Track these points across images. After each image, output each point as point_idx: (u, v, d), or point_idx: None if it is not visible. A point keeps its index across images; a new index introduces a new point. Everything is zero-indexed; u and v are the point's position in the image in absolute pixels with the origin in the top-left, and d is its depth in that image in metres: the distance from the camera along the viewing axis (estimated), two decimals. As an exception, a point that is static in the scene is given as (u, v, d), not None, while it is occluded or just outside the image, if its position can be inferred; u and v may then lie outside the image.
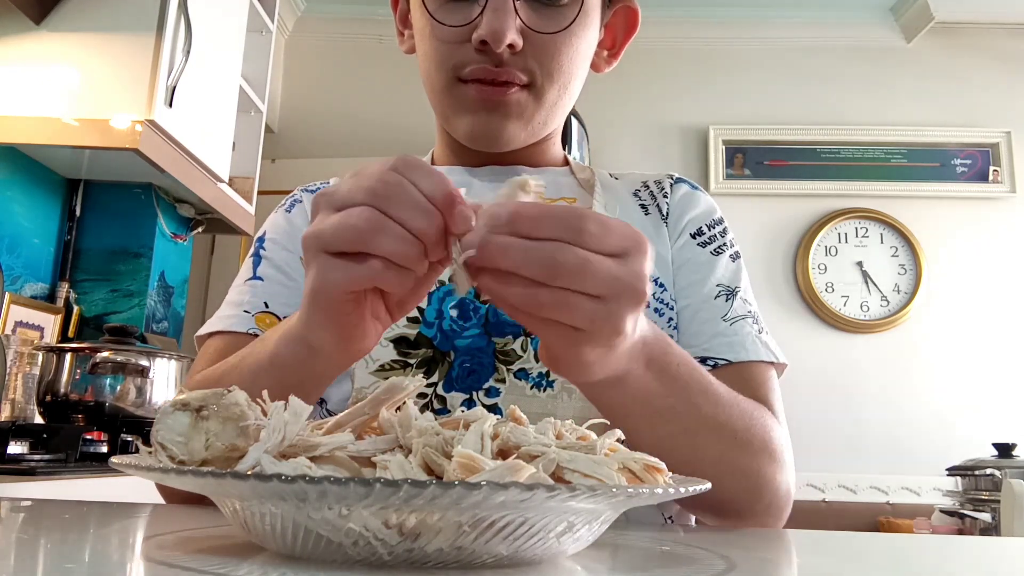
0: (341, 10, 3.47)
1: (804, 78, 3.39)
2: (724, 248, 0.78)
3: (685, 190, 0.82)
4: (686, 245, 0.78)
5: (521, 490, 0.30)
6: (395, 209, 0.42)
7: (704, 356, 0.71)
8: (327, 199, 0.45)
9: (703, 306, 0.74)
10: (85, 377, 1.74)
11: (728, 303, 0.74)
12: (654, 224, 0.79)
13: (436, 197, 0.42)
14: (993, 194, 3.26)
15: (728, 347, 0.71)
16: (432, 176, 0.43)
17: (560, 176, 0.81)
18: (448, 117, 0.75)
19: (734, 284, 0.76)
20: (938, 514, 2.62)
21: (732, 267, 0.78)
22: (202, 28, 2.06)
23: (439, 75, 0.73)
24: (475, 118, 0.72)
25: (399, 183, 0.42)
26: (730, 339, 0.72)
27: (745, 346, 0.71)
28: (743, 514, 0.65)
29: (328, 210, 0.44)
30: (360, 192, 0.43)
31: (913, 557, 0.52)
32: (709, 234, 0.78)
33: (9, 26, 1.91)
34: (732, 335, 0.72)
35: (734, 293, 0.75)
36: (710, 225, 0.79)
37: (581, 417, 0.66)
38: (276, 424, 0.37)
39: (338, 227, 0.43)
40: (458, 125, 0.74)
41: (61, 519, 0.52)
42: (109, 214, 2.35)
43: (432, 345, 0.69)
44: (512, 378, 0.67)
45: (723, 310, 0.74)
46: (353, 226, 0.42)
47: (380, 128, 3.31)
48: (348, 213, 0.43)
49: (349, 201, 0.43)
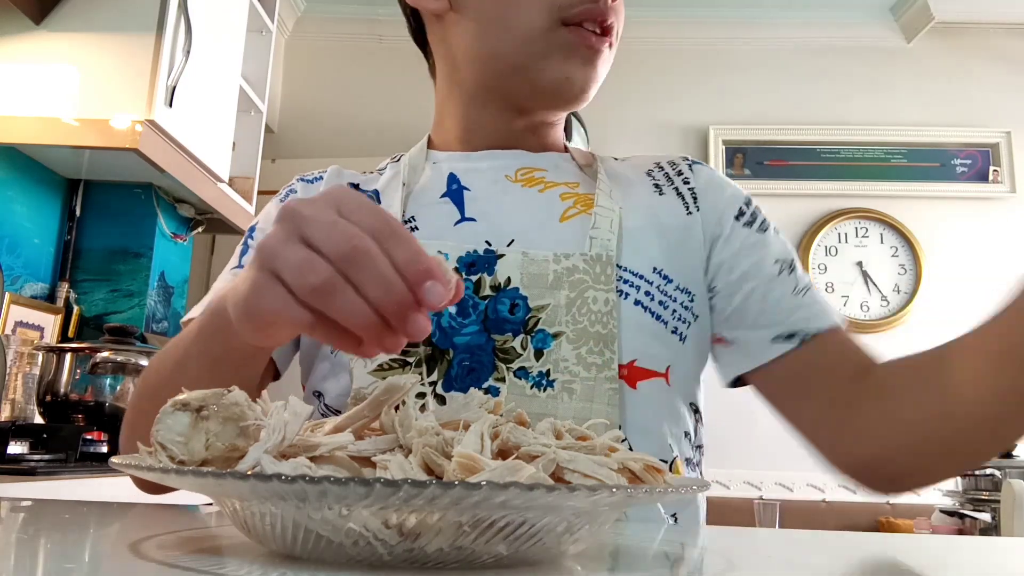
0: (341, 10, 3.47)
1: (804, 78, 3.39)
2: (766, 223, 0.78)
3: (708, 173, 0.81)
4: (734, 230, 0.76)
5: (521, 490, 0.30)
6: (358, 277, 0.39)
7: (791, 332, 0.70)
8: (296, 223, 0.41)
9: (772, 285, 0.73)
10: (85, 377, 1.74)
11: (792, 276, 0.74)
12: (669, 204, 0.77)
13: (407, 272, 0.39)
14: (993, 194, 3.26)
15: (814, 318, 0.71)
16: (409, 247, 0.40)
17: (561, 161, 0.81)
18: (536, 62, 0.73)
19: (788, 256, 0.76)
20: (938, 514, 2.63)
21: (779, 240, 0.77)
22: (202, 28, 2.06)
23: (540, 16, 0.72)
24: (572, 66, 0.72)
25: (369, 253, 0.39)
26: (812, 309, 0.72)
27: (827, 313, 0.72)
28: None
29: (294, 238, 0.41)
30: (329, 244, 0.39)
31: (913, 557, 0.52)
32: (749, 213, 0.78)
33: (9, 26, 1.91)
34: (811, 305, 0.72)
35: (792, 266, 0.75)
36: (747, 203, 0.78)
37: (581, 417, 0.66)
38: (276, 424, 0.37)
39: (295, 271, 0.40)
40: (549, 72, 0.73)
41: (61, 519, 0.52)
42: (109, 214, 2.35)
43: (431, 342, 0.69)
44: (512, 377, 0.67)
45: (791, 284, 0.73)
46: (310, 281, 0.39)
47: (380, 128, 3.31)
48: (311, 263, 0.39)
49: (315, 244, 0.40)
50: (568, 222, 0.74)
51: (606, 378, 0.67)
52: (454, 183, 0.77)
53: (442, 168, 0.79)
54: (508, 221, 0.74)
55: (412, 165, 0.80)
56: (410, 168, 0.80)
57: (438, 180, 0.78)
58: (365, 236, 0.40)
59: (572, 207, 0.75)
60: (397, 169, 0.81)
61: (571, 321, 0.68)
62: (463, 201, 0.76)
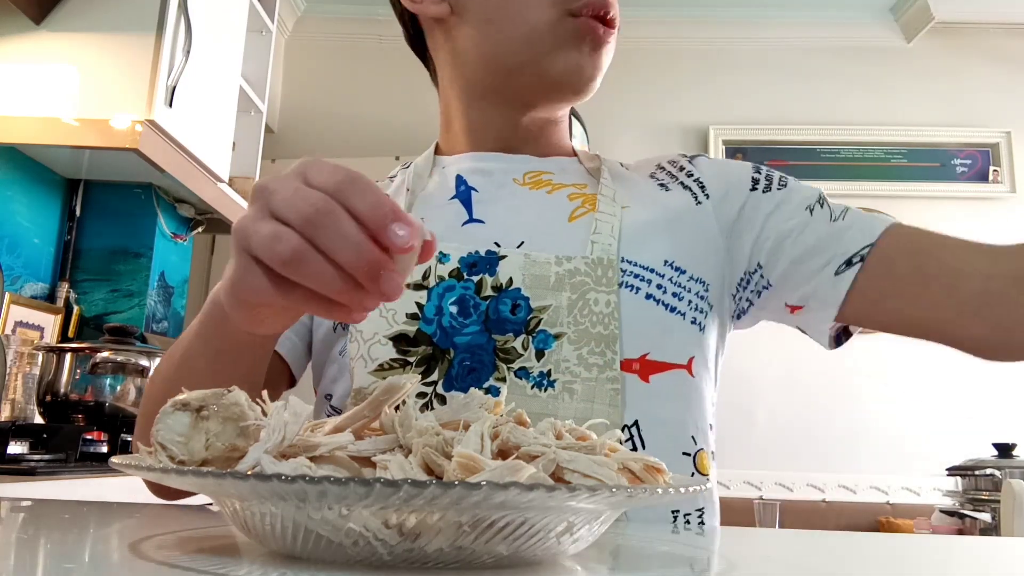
0: (341, 10, 3.47)
1: (804, 78, 3.39)
2: (784, 179, 0.77)
3: (708, 161, 0.81)
4: (755, 201, 0.76)
5: (521, 490, 0.30)
6: (324, 240, 0.39)
7: (847, 258, 0.69)
8: (264, 198, 0.42)
9: (808, 227, 0.72)
10: (85, 377, 1.74)
11: (824, 208, 0.73)
12: (676, 198, 0.77)
13: (369, 220, 0.39)
14: (993, 194, 3.26)
15: (861, 234, 0.70)
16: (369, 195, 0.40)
17: (568, 164, 0.81)
18: (545, 55, 0.74)
19: (814, 195, 0.75)
20: (938, 514, 2.62)
21: (800, 187, 0.76)
22: (202, 28, 2.06)
23: (546, 11, 0.73)
24: (580, 55, 0.73)
25: (332, 214, 0.39)
26: (855, 228, 0.70)
27: (872, 223, 0.71)
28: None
29: (263, 213, 0.42)
30: (292, 212, 0.40)
31: (913, 557, 0.52)
32: (763, 179, 0.77)
33: (9, 26, 1.91)
34: (852, 225, 0.71)
35: (821, 200, 0.74)
36: (756, 170, 0.78)
37: (582, 417, 0.66)
38: (276, 424, 0.37)
39: (265, 245, 0.40)
40: (558, 63, 0.74)
41: (61, 519, 0.52)
42: (109, 214, 2.35)
43: (431, 342, 0.69)
44: (512, 377, 0.67)
45: (826, 215, 0.73)
46: (279, 253, 0.40)
47: (380, 128, 3.31)
48: (277, 235, 0.40)
49: (281, 215, 0.41)
50: (576, 222, 0.74)
51: (607, 378, 0.67)
52: (461, 184, 0.78)
53: (450, 172, 0.80)
54: (517, 222, 0.74)
55: (418, 172, 0.81)
56: (415, 175, 0.80)
57: (446, 184, 0.79)
58: (327, 197, 0.40)
59: (580, 207, 0.76)
60: (405, 175, 0.82)
61: (572, 322, 0.68)
62: (471, 202, 0.76)
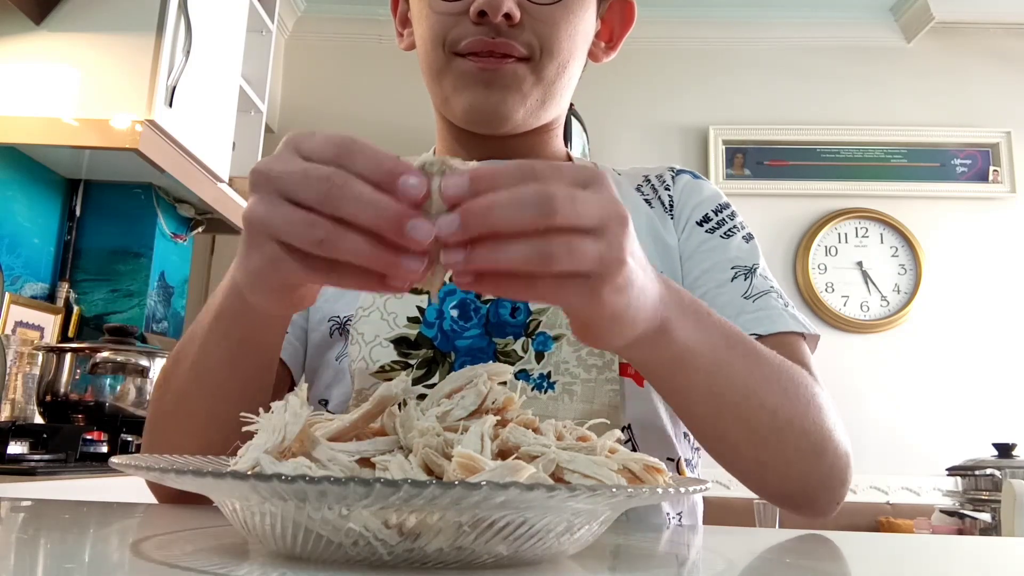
0: (341, 10, 3.47)
1: (804, 78, 3.39)
2: (735, 230, 0.77)
3: (687, 180, 0.81)
4: (693, 233, 0.77)
5: (521, 490, 0.30)
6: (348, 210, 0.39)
7: None
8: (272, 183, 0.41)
9: (721, 290, 0.72)
10: (85, 377, 1.74)
11: (747, 281, 0.73)
12: (659, 216, 0.78)
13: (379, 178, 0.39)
14: (993, 194, 3.25)
15: (756, 322, 0.69)
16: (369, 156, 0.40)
17: None
18: (446, 98, 0.74)
19: (751, 262, 0.75)
20: (938, 514, 2.62)
21: (747, 247, 0.76)
22: (202, 28, 2.06)
23: (436, 53, 0.72)
24: (473, 93, 0.71)
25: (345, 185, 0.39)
26: (756, 314, 0.70)
27: (772, 319, 0.70)
28: (808, 478, 0.62)
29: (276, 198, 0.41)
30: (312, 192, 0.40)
31: (913, 557, 0.52)
32: (716, 219, 0.77)
33: (9, 26, 1.91)
34: (757, 310, 0.71)
35: (752, 271, 0.74)
36: (716, 210, 0.78)
37: (582, 419, 0.66)
38: (276, 424, 0.37)
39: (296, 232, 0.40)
40: (456, 104, 0.73)
41: (61, 519, 0.52)
42: (109, 214, 2.35)
43: (432, 345, 0.69)
44: (513, 379, 0.67)
45: (743, 289, 0.72)
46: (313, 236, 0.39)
47: (380, 128, 3.31)
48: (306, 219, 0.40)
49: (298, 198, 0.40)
50: None
51: (607, 379, 0.67)
52: None
53: None
54: None
55: None
56: None
57: None
58: (335, 169, 0.40)
59: None
60: None
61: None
62: None
